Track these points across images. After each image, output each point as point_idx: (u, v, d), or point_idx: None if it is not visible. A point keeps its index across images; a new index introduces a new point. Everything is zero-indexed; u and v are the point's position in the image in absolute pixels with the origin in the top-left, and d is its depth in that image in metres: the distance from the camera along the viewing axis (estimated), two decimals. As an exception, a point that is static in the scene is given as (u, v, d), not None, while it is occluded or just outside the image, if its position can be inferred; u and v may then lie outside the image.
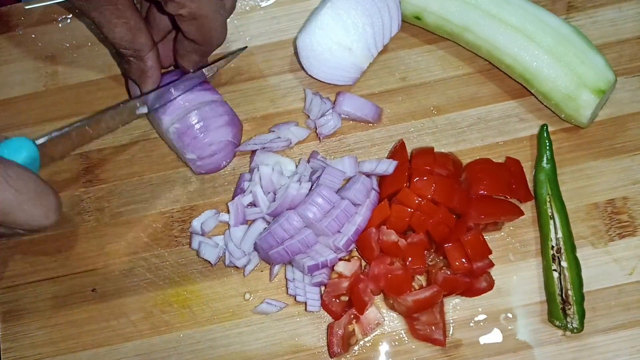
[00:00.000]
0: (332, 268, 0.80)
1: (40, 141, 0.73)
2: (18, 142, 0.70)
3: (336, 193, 0.79)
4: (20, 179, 0.65)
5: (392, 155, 0.86)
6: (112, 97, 0.92)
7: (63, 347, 0.83)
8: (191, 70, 0.83)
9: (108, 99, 0.92)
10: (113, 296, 0.84)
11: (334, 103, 0.88)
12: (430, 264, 0.80)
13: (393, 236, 0.78)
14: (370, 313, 0.80)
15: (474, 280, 0.78)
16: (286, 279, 0.82)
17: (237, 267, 0.83)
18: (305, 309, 0.81)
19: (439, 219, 0.78)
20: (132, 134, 0.90)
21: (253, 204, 0.84)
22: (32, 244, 0.86)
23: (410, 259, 0.77)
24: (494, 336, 0.80)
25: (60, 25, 0.95)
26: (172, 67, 0.89)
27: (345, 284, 0.79)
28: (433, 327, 0.78)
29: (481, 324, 0.80)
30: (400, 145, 0.84)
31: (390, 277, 0.77)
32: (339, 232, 0.78)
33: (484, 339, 0.80)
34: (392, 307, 0.81)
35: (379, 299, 0.82)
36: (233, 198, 0.85)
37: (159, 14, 0.83)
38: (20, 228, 0.68)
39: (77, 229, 0.86)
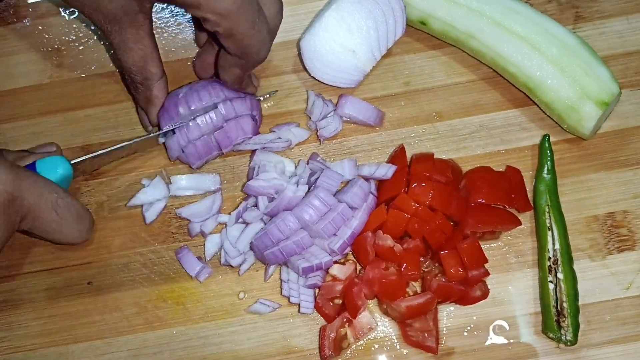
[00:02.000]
0: (326, 271, 0.80)
1: (75, 161, 0.82)
2: (55, 161, 0.80)
3: (334, 196, 0.79)
4: (66, 207, 0.76)
5: (391, 159, 0.86)
6: (116, 91, 0.92)
7: (57, 338, 0.83)
8: (231, 83, 0.84)
9: (112, 92, 0.92)
10: (108, 290, 0.84)
11: (336, 105, 0.88)
12: (425, 270, 0.80)
13: (389, 241, 0.77)
14: (363, 317, 0.79)
15: (468, 289, 0.78)
16: (281, 279, 0.82)
17: (232, 266, 0.83)
18: (299, 311, 0.81)
19: (436, 225, 0.77)
20: (134, 128, 0.91)
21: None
22: (30, 235, 0.86)
23: (405, 264, 0.77)
24: (487, 346, 0.79)
25: (67, 18, 0.96)
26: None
27: (339, 287, 0.79)
28: (426, 334, 0.78)
29: (474, 332, 0.80)
30: (400, 150, 0.84)
31: (385, 282, 0.76)
32: (334, 235, 0.78)
33: (476, 348, 0.79)
34: (385, 312, 0.80)
35: (372, 304, 0.81)
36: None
37: None
38: (53, 242, 0.82)
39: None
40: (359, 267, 0.82)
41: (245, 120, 0.84)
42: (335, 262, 0.80)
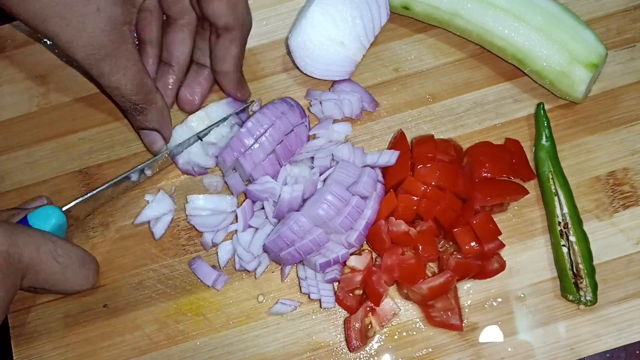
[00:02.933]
0: (343, 263, 0.80)
1: (66, 207, 0.80)
2: (46, 211, 0.77)
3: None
4: (66, 254, 0.74)
5: (392, 145, 0.86)
6: (107, 111, 0.91)
7: (79, 365, 0.82)
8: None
9: (103, 113, 0.91)
10: (125, 310, 0.83)
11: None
12: (440, 250, 0.80)
13: (403, 226, 0.78)
14: (386, 304, 0.80)
15: (485, 263, 0.79)
16: (298, 277, 0.82)
17: (248, 271, 0.83)
18: (320, 306, 0.81)
19: (446, 204, 0.78)
20: (130, 146, 0.90)
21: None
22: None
23: (421, 247, 0.77)
24: (509, 316, 0.80)
25: (48, 43, 0.94)
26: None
27: (359, 277, 0.79)
28: (449, 313, 0.79)
29: (495, 305, 0.81)
30: (400, 135, 0.85)
31: (404, 267, 0.77)
32: (351, 228, 0.78)
33: (499, 320, 0.80)
34: (406, 297, 0.81)
35: (392, 290, 0.82)
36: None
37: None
38: (61, 293, 0.79)
39: (83, 247, 0.85)
40: (374, 255, 0.82)
41: (300, 128, 0.83)
42: (352, 254, 0.80)
